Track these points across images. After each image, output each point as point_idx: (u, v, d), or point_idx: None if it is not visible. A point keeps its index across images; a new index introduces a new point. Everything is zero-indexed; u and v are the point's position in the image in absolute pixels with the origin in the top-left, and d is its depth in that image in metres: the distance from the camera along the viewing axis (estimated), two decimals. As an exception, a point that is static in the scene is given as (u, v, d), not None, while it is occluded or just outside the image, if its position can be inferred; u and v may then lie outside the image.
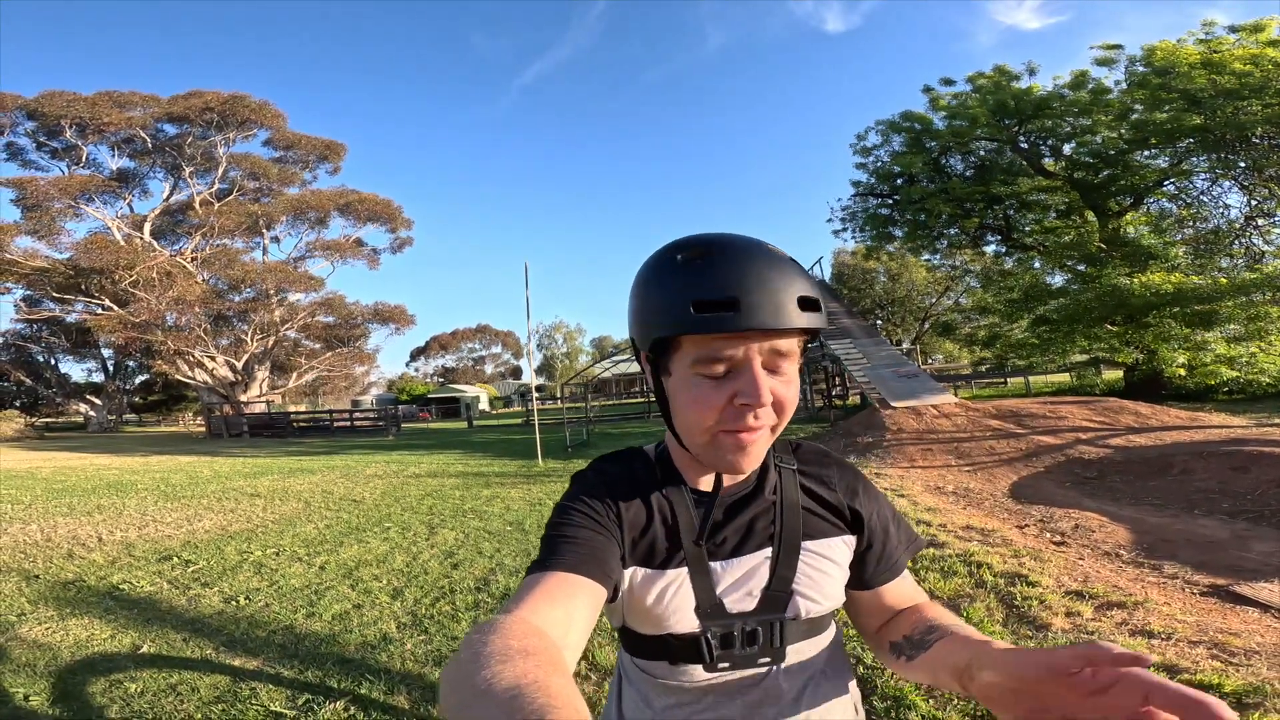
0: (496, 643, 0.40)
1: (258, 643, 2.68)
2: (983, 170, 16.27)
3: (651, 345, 0.57)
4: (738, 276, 0.52)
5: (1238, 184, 13.46)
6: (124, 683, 2.31)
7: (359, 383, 43.34)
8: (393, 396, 55.69)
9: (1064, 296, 13.92)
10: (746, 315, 0.51)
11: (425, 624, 2.80)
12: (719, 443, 0.56)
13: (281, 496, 7.22)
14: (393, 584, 3.46)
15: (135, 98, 24.25)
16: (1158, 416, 8.27)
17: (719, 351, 0.53)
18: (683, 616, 0.62)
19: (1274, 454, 5.10)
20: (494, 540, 4.39)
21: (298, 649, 2.58)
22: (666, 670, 0.66)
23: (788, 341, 0.55)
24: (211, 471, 10.46)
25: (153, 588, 3.65)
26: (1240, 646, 2.09)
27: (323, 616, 2.97)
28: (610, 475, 0.67)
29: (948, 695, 1.90)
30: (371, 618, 2.92)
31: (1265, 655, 2.01)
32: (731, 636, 0.62)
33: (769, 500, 0.66)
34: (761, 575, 0.63)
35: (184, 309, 21.76)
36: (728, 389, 0.54)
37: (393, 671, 2.30)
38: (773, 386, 0.55)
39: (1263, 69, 11.46)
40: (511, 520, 5.09)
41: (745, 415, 0.54)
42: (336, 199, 26.70)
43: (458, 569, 3.68)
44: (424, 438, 19.06)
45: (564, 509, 0.62)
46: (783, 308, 0.51)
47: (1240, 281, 11.66)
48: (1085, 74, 14.46)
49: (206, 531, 5.28)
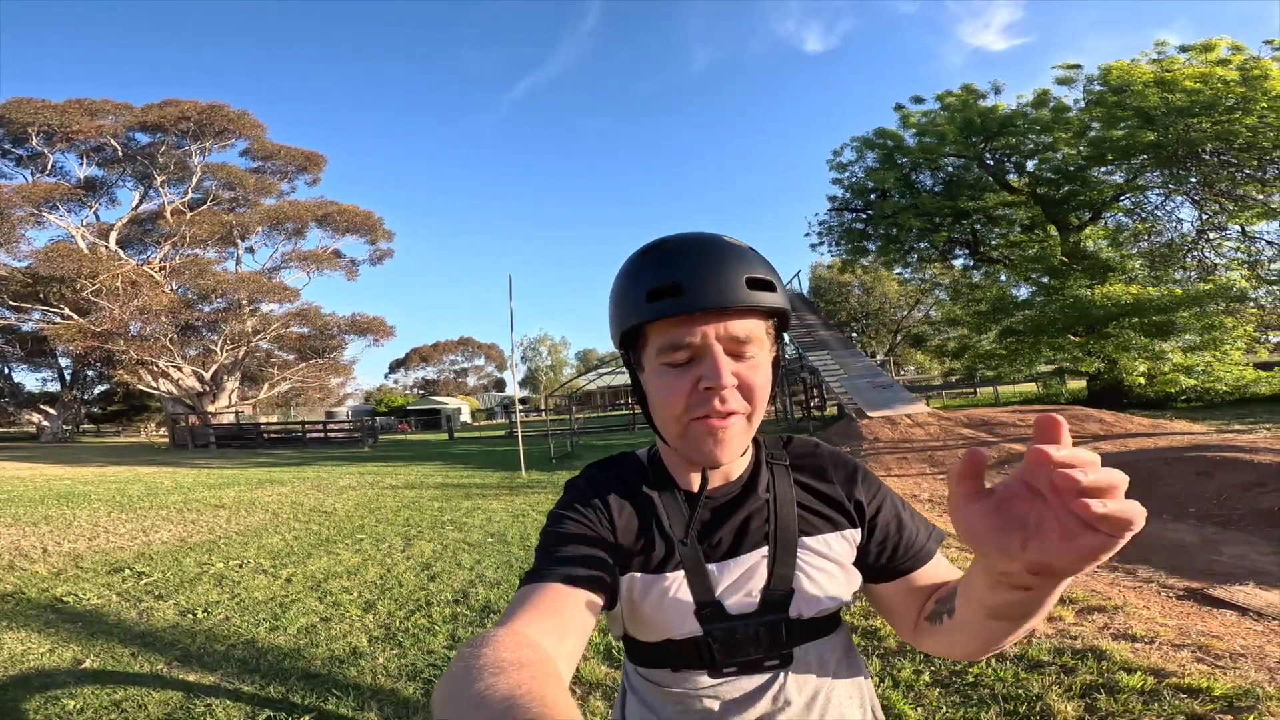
0: (490, 655, 0.40)
1: (215, 657, 2.53)
2: (951, 186, 16.82)
3: (623, 341, 0.61)
4: (685, 263, 0.55)
5: (1189, 198, 14.13)
6: (62, 699, 2.15)
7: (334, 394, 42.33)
8: (370, 408, 54.53)
9: (1029, 308, 14.34)
10: (691, 297, 0.53)
11: (399, 637, 2.69)
12: (692, 432, 0.57)
13: (248, 508, 6.94)
14: (364, 596, 3.32)
15: (108, 106, 23.65)
16: (1121, 424, 8.55)
17: (679, 338, 0.55)
18: (683, 620, 0.61)
19: (1235, 459, 5.28)
20: (474, 552, 4.27)
21: (259, 663, 2.44)
22: (670, 678, 0.64)
23: (745, 324, 0.55)
24: (173, 482, 10.03)
25: (100, 600, 3.45)
26: (1224, 649, 2.10)
27: (287, 630, 2.83)
28: (602, 481, 0.66)
29: (936, 703, 1.87)
30: (340, 631, 2.79)
31: (1251, 658, 2.02)
32: (735, 639, 0.61)
33: (762, 498, 0.65)
34: (760, 575, 0.62)
35: (149, 318, 21.10)
36: (692, 374, 0.55)
37: (363, 686, 2.19)
38: (738, 371, 0.55)
39: (1212, 87, 12.04)
40: (493, 532, 4.96)
41: (710, 399, 0.55)
42: (315, 210, 26.33)
43: (435, 581, 3.56)
44: (402, 449, 18.63)
45: (558, 517, 0.62)
46: (729, 287, 0.54)
47: (1194, 293, 12.18)
48: (1047, 93, 15.09)
49: (163, 543, 5.04)
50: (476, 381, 70.70)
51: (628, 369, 0.63)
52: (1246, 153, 12.24)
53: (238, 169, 26.14)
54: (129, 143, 24.33)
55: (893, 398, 10.87)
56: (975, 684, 1.94)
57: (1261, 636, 2.27)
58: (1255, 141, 11.87)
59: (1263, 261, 13.67)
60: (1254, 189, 12.90)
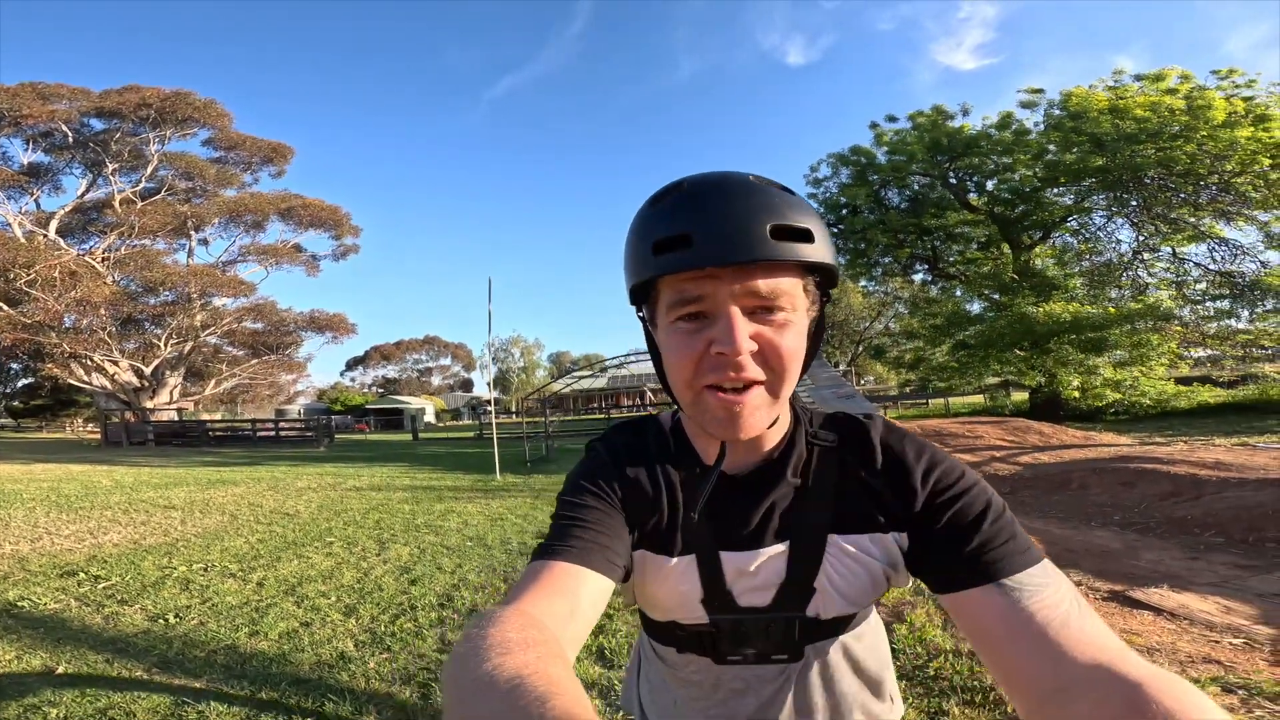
0: (496, 635, 0.38)
1: (196, 663, 2.50)
2: (916, 203, 17.47)
3: (634, 297, 0.55)
4: (696, 210, 0.48)
5: (1129, 221, 14.99)
6: (42, 707, 2.09)
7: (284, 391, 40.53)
8: (324, 406, 52.41)
9: (980, 323, 15.03)
10: (700, 249, 0.46)
11: (387, 641, 2.71)
12: (704, 402, 0.50)
13: (201, 509, 6.67)
14: (344, 601, 3.30)
15: (63, 90, 22.21)
16: (1058, 435, 9.21)
17: (689, 293, 0.48)
18: (689, 607, 0.58)
19: (1155, 470, 5.78)
20: (454, 556, 4.27)
21: (244, 669, 2.43)
22: (677, 658, 0.64)
23: (770, 281, 0.47)
24: (112, 481, 9.47)
25: (58, 605, 3.30)
26: (1143, 645, 2.38)
27: (268, 635, 2.80)
28: (622, 448, 0.61)
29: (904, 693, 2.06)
30: (324, 636, 2.79)
31: (1165, 653, 2.30)
32: (742, 632, 0.58)
33: (791, 484, 0.57)
34: (778, 569, 0.56)
35: (87, 311, 19.81)
36: (705, 336, 0.49)
37: (357, 691, 2.22)
38: (759, 333, 0.48)
39: (1160, 115, 12.82)
40: (471, 535, 4.95)
41: (724, 366, 0.48)
42: (278, 203, 25.29)
43: (416, 585, 3.57)
44: (361, 450, 18.06)
45: (575, 486, 0.58)
46: (747, 237, 0.46)
47: (1126, 311, 12.99)
48: (1010, 115, 15.84)
49: (115, 545, 4.82)
50: (442, 381, 69.07)
51: (642, 326, 0.57)
52: (1184, 178, 13.02)
53: (198, 158, 24.96)
54: (81, 129, 22.91)
55: (854, 409, 11.28)
56: (936, 677, 2.15)
57: (1173, 635, 2.55)
58: (1193, 168, 12.66)
59: (1189, 282, 14.61)
60: (1186, 212, 13.73)
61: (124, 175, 24.36)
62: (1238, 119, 12.21)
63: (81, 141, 23.05)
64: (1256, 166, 12.08)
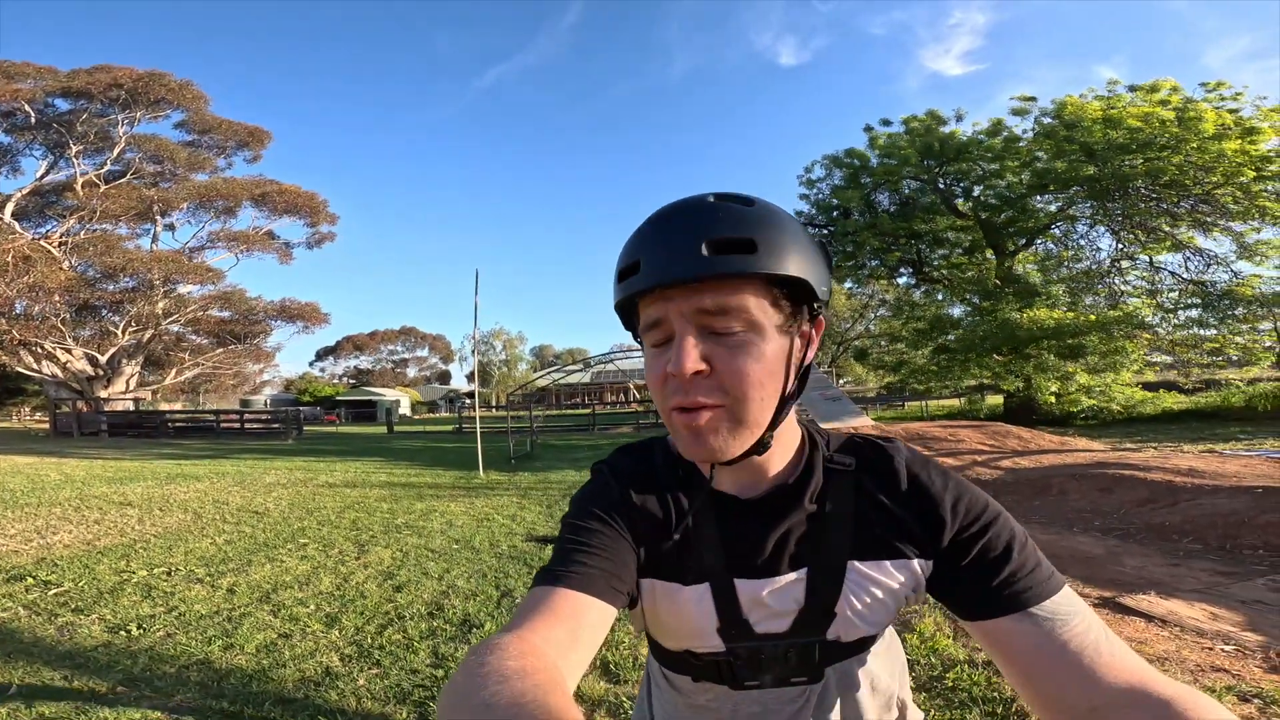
0: (494, 663, 0.38)
1: (167, 680, 2.29)
2: (906, 207, 17.64)
3: (626, 325, 0.56)
4: (646, 237, 0.49)
5: (1110, 229, 15.31)
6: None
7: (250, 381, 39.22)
8: (291, 397, 50.87)
9: (962, 328, 15.32)
10: (644, 272, 0.48)
11: (375, 655, 2.53)
12: (673, 423, 0.51)
13: (161, 506, 6.32)
14: (324, 610, 3.11)
15: (28, 69, 21.23)
16: (1036, 440, 9.43)
17: (652, 316, 0.50)
18: (704, 636, 0.57)
19: (1131, 476, 5.93)
20: (440, 560, 4.08)
21: (221, 687, 2.23)
22: (691, 686, 0.62)
23: (716, 297, 0.47)
24: (61, 475, 8.95)
25: (5, 614, 3.04)
26: (1151, 654, 2.32)
27: (244, 648, 2.60)
28: (626, 473, 0.60)
29: (924, 706, 2.01)
30: (306, 649, 2.60)
31: (1174, 662, 2.20)
32: (760, 659, 0.57)
33: (807, 509, 0.56)
34: (797, 596, 0.55)
35: (40, 296, 18.81)
36: (665, 357, 0.49)
37: (349, 711, 2.05)
38: (712, 354, 0.47)
39: (1151, 126, 13.02)
40: (457, 537, 4.75)
41: (678, 387, 0.48)
42: (252, 188, 24.44)
43: (401, 592, 3.38)
44: (332, 443, 17.50)
45: (580, 509, 0.57)
46: (683, 255, 0.46)
47: (1103, 318, 13.31)
48: (1000, 122, 16.03)
49: (66, 546, 4.51)
50: (418, 373, 67.71)
51: None
52: (1169, 189, 13.27)
53: (168, 141, 23.95)
54: (45, 109, 21.76)
55: (841, 410, 11.44)
56: (954, 688, 2.10)
57: (1175, 643, 2.58)
58: (1179, 179, 12.91)
59: (1162, 290, 14.98)
60: (1164, 222, 14.03)
61: (88, 158, 23.29)
62: (1226, 132, 12.43)
63: (45, 122, 21.92)
64: (1240, 178, 12.27)
